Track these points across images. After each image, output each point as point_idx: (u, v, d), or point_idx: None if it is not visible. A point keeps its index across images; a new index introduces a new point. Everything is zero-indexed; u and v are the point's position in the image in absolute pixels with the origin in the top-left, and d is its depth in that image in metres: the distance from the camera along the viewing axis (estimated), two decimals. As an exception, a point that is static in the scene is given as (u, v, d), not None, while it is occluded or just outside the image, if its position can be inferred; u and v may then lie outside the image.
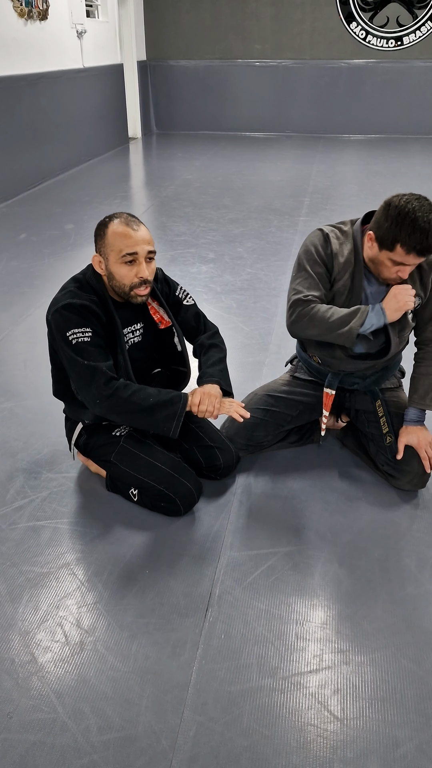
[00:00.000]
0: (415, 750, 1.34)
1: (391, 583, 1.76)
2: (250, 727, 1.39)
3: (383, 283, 1.91)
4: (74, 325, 1.80)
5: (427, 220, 1.67)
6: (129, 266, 1.80)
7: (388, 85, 9.51)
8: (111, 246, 1.79)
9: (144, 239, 1.80)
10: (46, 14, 6.43)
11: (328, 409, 2.14)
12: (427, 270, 1.88)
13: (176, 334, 2.05)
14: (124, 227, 1.78)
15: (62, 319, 1.81)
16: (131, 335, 1.98)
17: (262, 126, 10.06)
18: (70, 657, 1.54)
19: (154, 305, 2.01)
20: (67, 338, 1.81)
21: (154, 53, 9.85)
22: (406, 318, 1.93)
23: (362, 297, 1.95)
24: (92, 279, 1.87)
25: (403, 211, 1.69)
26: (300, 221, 5.32)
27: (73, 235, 4.95)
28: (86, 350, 1.80)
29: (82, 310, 1.81)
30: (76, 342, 1.80)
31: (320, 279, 1.93)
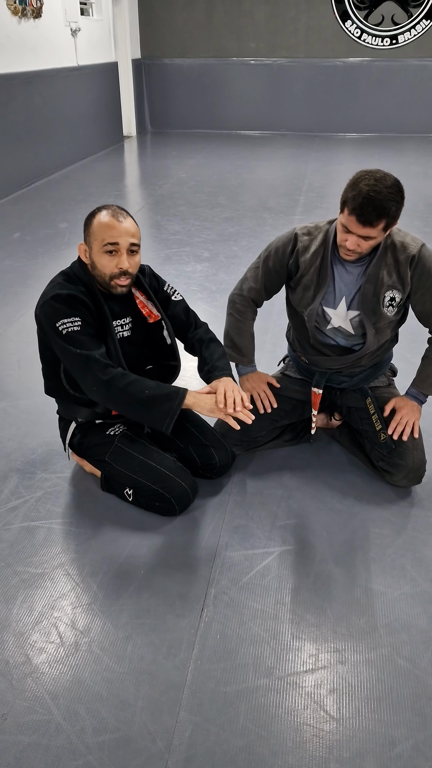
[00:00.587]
0: (412, 749, 1.34)
1: (386, 582, 1.76)
2: (246, 727, 1.38)
3: (354, 276, 1.94)
4: (63, 315, 1.81)
5: (371, 187, 1.70)
6: (110, 256, 1.82)
7: (383, 84, 9.52)
8: (95, 235, 1.82)
9: (128, 231, 1.81)
10: (40, 12, 6.40)
11: (316, 408, 2.17)
12: (404, 263, 1.89)
13: (165, 328, 2.04)
14: (110, 218, 1.80)
15: (51, 310, 1.82)
16: (120, 329, 1.98)
17: (257, 124, 10.06)
18: (65, 658, 1.54)
19: (142, 299, 2.01)
20: (57, 329, 1.81)
21: (148, 51, 9.83)
22: (382, 311, 1.94)
23: (330, 289, 1.97)
24: (79, 270, 1.89)
25: (358, 177, 1.74)
26: (295, 220, 5.32)
27: (67, 234, 4.93)
28: (77, 339, 1.80)
29: (69, 299, 1.82)
30: (66, 332, 1.80)
31: (267, 276, 2.08)
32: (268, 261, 2.06)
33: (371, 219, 1.72)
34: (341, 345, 2.06)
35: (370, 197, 1.69)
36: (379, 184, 1.71)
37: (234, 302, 2.20)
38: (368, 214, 1.71)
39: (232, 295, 2.21)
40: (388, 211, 1.72)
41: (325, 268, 1.94)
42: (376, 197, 1.69)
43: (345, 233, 1.81)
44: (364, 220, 1.73)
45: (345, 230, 1.80)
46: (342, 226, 1.81)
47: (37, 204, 5.88)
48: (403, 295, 1.94)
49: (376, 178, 1.72)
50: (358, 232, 1.77)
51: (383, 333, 2.01)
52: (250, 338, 2.23)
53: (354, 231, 1.77)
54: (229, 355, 2.23)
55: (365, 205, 1.70)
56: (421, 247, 1.90)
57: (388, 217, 1.74)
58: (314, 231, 1.98)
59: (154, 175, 7.28)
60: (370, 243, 1.81)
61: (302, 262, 1.97)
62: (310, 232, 1.98)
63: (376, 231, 1.76)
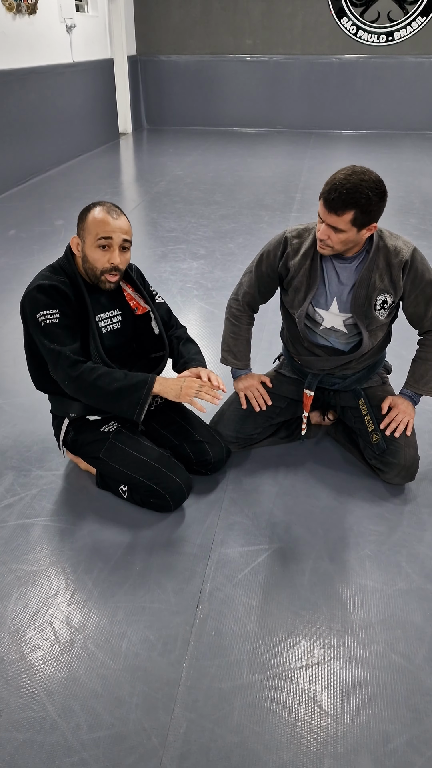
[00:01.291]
0: (406, 745, 1.35)
1: (381, 578, 1.76)
2: (241, 723, 1.39)
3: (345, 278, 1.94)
4: (42, 307, 1.84)
5: (345, 175, 1.71)
6: (103, 251, 1.85)
7: (379, 81, 9.51)
8: (88, 230, 1.84)
9: (121, 228, 1.85)
10: (35, 8, 6.37)
11: (308, 410, 2.18)
12: (396, 267, 1.89)
13: (153, 318, 2.05)
14: (104, 214, 1.84)
15: (32, 301, 1.85)
16: (109, 321, 1.99)
17: (254, 121, 10.04)
18: (60, 655, 1.54)
19: (129, 291, 2.02)
20: (36, 320, 1.84)
21: (144, 48, 9.80)
22: (374, 314, 1.94)
23: (321, 290, 1.97)
24: (65, 263, 1.92)
25: (340, 169, 1.75)
26: (291, 217, 5.31)
27: (63, 231, 4.92)
28: (53, 332, 1.83)
29: (50, 290, 1.84)
30: (44, 323, 1.83)
31: (260, 280, 2.09)
32: (260, 265, 2.07)
33: (337, 206, 1.71)
34: (335, 346, 2.06)
35: (340, 184, 1.70)
36: (354, 175, 1.71)
37: (230, 307, 2.22)
38: (335, 201, 1.70)
39: (229, 301, 2.22)
40: (357, 200, 1.69)
41: (314, 270, 1.94)
42: (346, 185, 1.69)
43: (319, 222, 1.81)
44: (330, 206, 1.72)
45: (320, 219, 1.81)
46: (318, 216, 1.82)
47: (33, 201, 5.87)
48: (395, 298, 1.94)
49: (354, 170, 1.72)
50: (327, 220, 1.76)
51: (376, 335, 2.02)
52: (245, 343, 2.24)
53: (324, 218, 1.77)
54: (225, 359, 2.25)
55: (333, 190, 1.70)
56: (413, 252, 1.90)
57: (357, 209, 1.71)
58: (304, 233, 1.98)
59: (150, 172, 7.27)
60: (340, 237, 1.78)
61: (292, 265, 1.97)
62: (299, 234, 1.98)
63: (343, 222, 1.74)
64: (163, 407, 2.15)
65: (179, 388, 1.86)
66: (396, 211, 5.44)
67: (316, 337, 2.06)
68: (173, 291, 3.77)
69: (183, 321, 3.37)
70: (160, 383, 1.86)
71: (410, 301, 1.96)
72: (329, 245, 1.82)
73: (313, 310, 2.00)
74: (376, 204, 1.73)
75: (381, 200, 1.73)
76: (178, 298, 3.67)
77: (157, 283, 3.83)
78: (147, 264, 4.17)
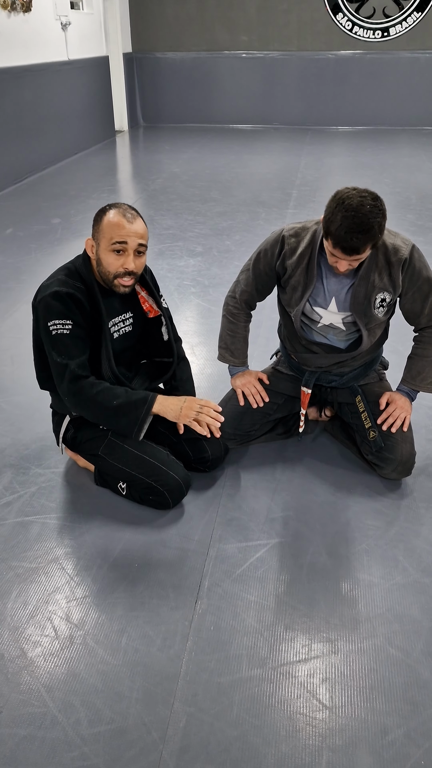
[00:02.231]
0: (403, 737, 1.36)
1: (379, 572, 1.77)
2: (240, 717, 1.40)
3: (344, 277, 1.94)
4: (56, 316, 1.82)
5: (351, 219, 1.68)
6: (117, 255, 1.83)
7: (375, 77, 9.50)
8: (103, 233, 1.82)
9: (137, 233, 1.82)
10: (30, 6, 6.36)
11: (305, 408, 2.20)
12: (396, 265, 1.89)
13: (164, 324, 2.05)
14: (120, 217, 1.81)
15: (46, 308, 1.84)
16: (122, 324, 1.99)
17: (250, 118, 10.03)
18: (60, 651, 1.55)
19: (144, 294, 2.02)
20: (48, 328, 1.84)
21: (139, 45, 9.78)
22: (373, 312, 1.95)
23: (318, 289, 1.97)
24: (81, 267, 1.89)
25: (336, 206, 1.72)
26: (288, 214, 5.32)
27: (60, 230, 4.92)
28: (63, 343, 1.83)
29: (66, 299, 1.83)
30: (55, 333, 1.83)
31: (258, 279, 2.09)
32: (258, 264, 2.07)
33: (357, 247, 1.72)
34: (333, 344, 2.06)
35: (351, 230, 1.69)
36: (358, 213, 1.68)
37: (228, 305, 2.22)
38: (353, 244, 1.71)
39: (226, 298, 2.23)
40: (372, 236, 1.72)
41: (312, 269, 1.94)
42: (358, 228, 1.68)
43: (333, 258, 1.81)
44: (350, 251, 1.73)
45: (333, 256, 1.81)
46: (329, 253, 1.81)
47: (30, 200, 5.86)
48: (394, 296, 1.95)
49: (354, 207, 1.68)
50: (348, 260, 1.78)
51: (374, 333, 2.02)
52: (243, 341, 2.25)
53: (343, 259, 1.78)
54: (223, 357, 2.26)
55: (348, 238, 1.70)
56: (412, 249, 1.91)
57: (374, 240, 1.74)
58: (302, 232, 1.97)
59: (146, 169, 7.26)
60: (359, 260, 1.82)
61: (289, 264, 1.97)
62: (297, 233, 1.98)
63: (364, 254, 1.77)
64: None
65: (179, 409, 1.88)
66: (393, 208, 5.44)
67: (313, 335, 2.07)
68: (170, 288, 3.77)
69: (180, 318, 3.40)
70: (160, 403, 1.87)
71: (407, 298, 1.97)
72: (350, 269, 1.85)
73: (311, 308, 2.01)
74: (384, 223, 1.75)
75: (385, 216, 1.75)
76: (176, 296, 3.68)
77: (155, 281, 3.83)
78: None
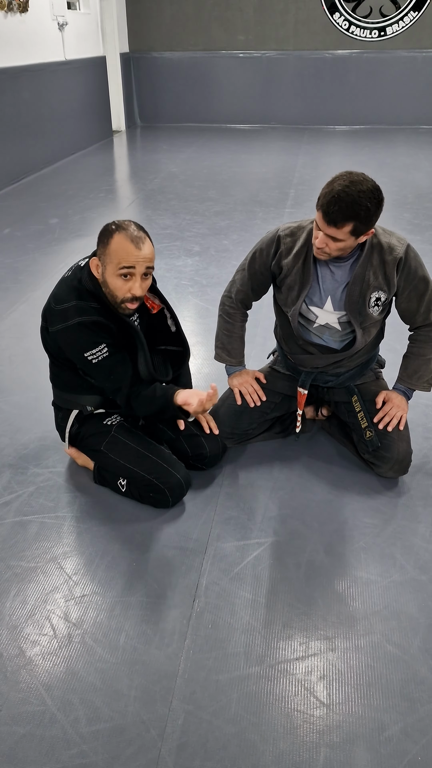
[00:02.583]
0: (401, 733, 1.37)
1: (376, 570, 1.78)
2: (238, 714, 1.40)
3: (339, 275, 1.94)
4: (90, 346, 1.82)
5: (343, 187, 1.69)
6: (124, 280, 1.78)
7: (373, 76, 9.50)
8: (110, 257, 1.76)
9: (146, 257, 1.77)
10: (27, 6, 6.36)
11: (301, 408, 2.21)
12: (391, 264, 1.90)
13: (169, 317, 2.05)
14: (129, 243, 1.74)
15: (75, 340, 1.83)
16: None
17: (247, 118, 10.03)
18: (59, 650, 1.55)
19: (148, 293, 2.02)
20: (85, 358, 1.84)
21: (136, 45, 9.78)
22: (368, 311, 1.95)
23: (314, 288, 1.97)
24: (89, 285, 1.83)
25: (336, 176, 1.74)
26: (285, 213, 5.32)
27: (58, 230, 4.93)
28: (107, 366, 1.84)
29: (94, 327, 1.81)
30: (96, 362, 1.83)
31: (253, 278, 2.09)
32: (253, 263, 2.07)
33: (336, 219, 1.70)
34: (328, 344, 2.07)
35: (339, 197, 1.68)
36: (353, 186, 1.68)
37: (224, 305, 2.22)
38: (334, 214, 1.70)
39: (222, 298, 2.23)
40: (356, 214, 1.69)
41: (307, 268, 1.94)
42: (346, 198, 1.68)
43: (317, 230, 1.81)
44: (329, 219, 1.72)
45: (317, 226, 1.80)
46: (315, 223, 1.82)
47: (27, 200, 5.86)
48: (389, 295, 1.95)
49: (351, 180, 1.70)
50: (325, 231, 1.76)
51: (369, 332, 2.03)
52: (239, 340, 2.25)
53: (322, 229, 1.77)
54: (219, 356, 2.26)
55: (333, 203, 1.69)
56: (407, 248, 1.91)
57: (357, 221, 1.71)
58: (297, 231, 1.98)
59: (144, 169, 7.26)
60: (338, 245, 1.78)
61: (285, 264, 1.97)
62: (293, 232, 1.98)
63: (342, 233, 1.73)
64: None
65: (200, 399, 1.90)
66: (390, 206, 5.44)
67: (309, 335, 2.08)
68: (168, 288, 3.78)
69: (178, 317, 3.39)
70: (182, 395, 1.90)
71: (403, 297, 1.97)
72: (326, 252, 1.83)
73: (307, 308, 2.01)
74: (374, 213, 1.73)
75: (378, 208, 1.73)
76: (173, 295, 3.68)
77: (152, 281, 3.84)
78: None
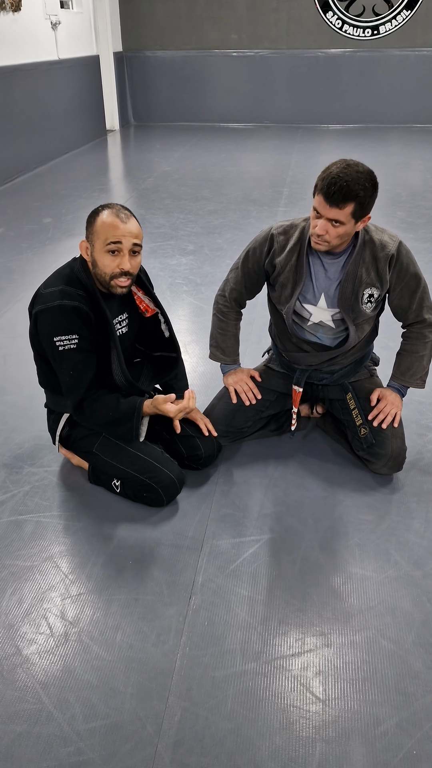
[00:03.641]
0: (396, 727, 1.37)
1: (371, 566, 1.79)
2: (234, 710, 1.41)
3: (333, 272, 1.95)
4: (62, 332, 1.81)
5: (341, 169, 1.74)
6: (112, 256, 1.81)
7: (366, 75, 9.52)
8: (97, 234, 1.80)
9: (131, 232, 1.81)
10: (20, 5, 6.34)
11: (296, 406, 2.21)
12: (383, 261, 1.91)
13: (163, 321, 2.06)
14: (114, 218, 1.79)
15: (49, 322, 1.82)
16: (118, 326, 1.99)
17: (241, 116, 10.03)
18: (55, 648, 1.55)
19: (140, 294, 2.02)
20: (53, 343, 1.83)
21: (129, 44, 9.76)
22: (360, 308, 1.96)
23: (308, 285, 1.98)
24: (81, 273, 1.86)
25: (331, 163, 1.79)
26: (279, 211, 5.33)
27: (51, 229, 4.92)
28: (71, 359, 1.83)
29: (72, 313, 1.80)
30: (62, 349, 1.82)
31: (247, 277, 2.10)
32: (247, 262, 2.08)
33: (338, 200, 1.74)
34: (322, 342, 2.08)
35: (339, 177, 1.72)
36: (349, 168, 1.74)
37: (217, 303, 2.23)
38: (336, 194, 1.73)
39: (216, 297, 2.23)
40: (356, 193, 1.73)
41: (301, 266, 1.95)
42: (345, 178, 1.72)
43: (315, 218, 1.82)
44: (332, 201, 1.74)
45: (316, 214, 1.82)
46: (313, 211, 1.83)
47: (20, 199, 5.85)
48: (382, 291, 1.96)
49: (347, 164, 1.76)
50: (327, 215, 1.78)
51: (362, 328, 2.04)
52: (233, 339, 2.26)
53: (323, 213, 1.78)
54: (214, 355, 2.26)
55: (333, 184, 1.73)
56: (399, 245, 1.92)
57: (357, 201, 1.75)
58: (290, 229, 1.99)
59: (137, 168, 7.26)
60: (338, 231, 1.80)
61: (278, 262, 1.98)
62: (286, 231, 1.99)
63: (344, 215, 1.76)
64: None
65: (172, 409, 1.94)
66: (383, 204, 5.47)
67: (304, 333, 2.08)
68: (162, 287, 3.78)
69: (173, 317, 3.39)
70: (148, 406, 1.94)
71: (395, 294, 1.98)
72: (326, 240, 1.83)
73: (301, 306, 2.02)
74: (371, 195, 1.77)
75: (375, 191, 1.78)
76: (168, 294, 3.69)
77: (146, 280, 3.84)
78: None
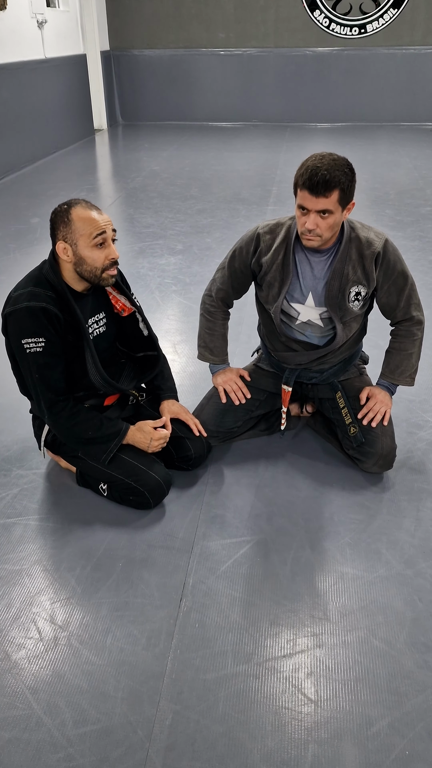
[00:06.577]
0: (388, 727, 1.37)
1: (362, 566, 1.79)
2: (226, 713, 1.40)
3: (319, 271, 1.95)
4: (29, 334, 1.79)
5: (317, 160, 1.76)
6: (100, 249, 1.79)
7: (353, 73, 9.53)
8: (79, 231, 1.76)
9: (107, 220, 1.81)
10: (5, 4, 6.29)
11: (286, 405, 2.20)
12: (369, 258, 1.91)
13: (140, 320, 2.04)
14: (88, 211, 1.77)
15: (18, 325, 1.80)
16: (96, 325, 1.96)
17: (229, 115, 10.01)
18: (45, 653, 1.54)
19: (114, 293, 2.00)
20: (21, 345, 1.81)
21: (117, 43, 9.72)
22: (348, 306, 1.96)
23: (295, 284, 1.97)
24: (50, 273, 1.83)
25: (305, 159, 1.81)
26: (268, 210, 5.32)
27: (39, 229, 4.88)
28: (38, 362, 1.81)
29: (39, 314, 1.77)
30: (29, 351, 1.80)
31: (234, 277, 2.10)
32: (233, 262, 2.08)
33: (323, 189, 1.74)
34: (311, 341, 2.07)
35: (318, 168, 1.74)
36: (324, 158, 1.77)
37: (205, 303, 2.22)
38: (319, 184, 1.74)
39: (203, 297, 2.22)
40: (338, 179, 1.74)
41: (287, 264, 1.95)
42: (324, 167, 1.74)
43: (303, 215, 1.82)
44: (317, 191, 1.75)
45: (302, 211, 1.81)
46: (299, 209, 1.82)
47: (8, 199, 5.81)
48: (369, 289, 1.96)
49: (321, 155, 1.78)
50: (315, 207, 1.77)
51: (350, 326, 2.03)
52: (221, 338, 2.25)
53: (310, 207, 1.78)
54: (203, 355, 2.25)
55: (314, 175, 1.73)
56: (385, 243, 1.92)
57: (340, 188, 1.75)
58: (276, 228, 1.98)
59: (125, 167, 7.23)
60: (328, 221, 1.80)
61: (265, 261, 1.98)
62: (272, 230, 1.99)
63: (331, 203, 1.77)
64: (144, 403, 2.15)
65: (149, 441, 1.95)
66: (372, 203, 5.48)
67: (292, 332, 2.08)
68: (151, 287, 3.76)
69: (162, 316, 3.39)
70: (130, 438, 1.94)
71: (383, 292, 1.98)
72: (318, 234, 1.83)
73: (288, 305, 2.01)
74: (351, 180, 1.79)
75: (353, 177, 1.80)
76: (157, 294, 3.67)
77: (135, 279, 3.82)
78: (125, 260, 4.15)
